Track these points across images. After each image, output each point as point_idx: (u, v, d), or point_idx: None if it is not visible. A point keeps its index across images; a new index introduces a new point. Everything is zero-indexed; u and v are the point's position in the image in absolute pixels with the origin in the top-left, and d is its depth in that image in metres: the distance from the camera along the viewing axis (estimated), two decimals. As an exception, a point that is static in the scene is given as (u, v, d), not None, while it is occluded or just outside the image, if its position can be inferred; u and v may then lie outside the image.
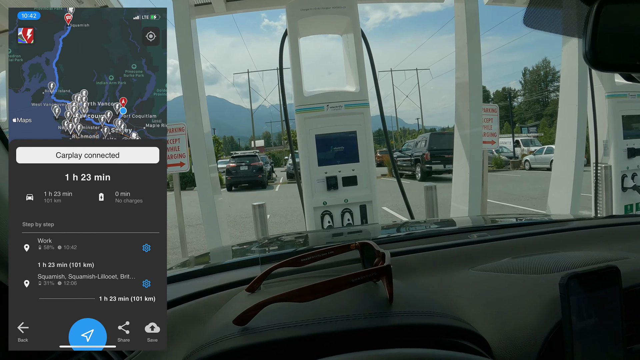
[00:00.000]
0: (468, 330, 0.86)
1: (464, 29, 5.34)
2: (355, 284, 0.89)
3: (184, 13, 4.83)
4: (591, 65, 0.92)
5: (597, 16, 0.89)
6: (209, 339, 0.84)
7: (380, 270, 0.93)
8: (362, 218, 4.86)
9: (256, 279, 1.09)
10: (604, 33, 0.89)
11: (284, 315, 0.86)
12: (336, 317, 0.83)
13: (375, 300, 0.93)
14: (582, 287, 0.88)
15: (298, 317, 0.84)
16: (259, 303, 0.85)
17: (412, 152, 26.03)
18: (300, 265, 1.15)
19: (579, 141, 5.65)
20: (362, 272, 0.91)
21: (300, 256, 1.15)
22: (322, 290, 0.87)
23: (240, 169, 26.08)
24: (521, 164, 30.95)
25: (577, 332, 0.86)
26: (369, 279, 0.92)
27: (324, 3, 4.93)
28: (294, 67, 4.90)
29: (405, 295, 0.99)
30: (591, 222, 1.90)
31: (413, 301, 0.96)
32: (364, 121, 4.86)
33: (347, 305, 0.89)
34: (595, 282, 0.90)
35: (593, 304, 0.89)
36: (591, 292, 0.89)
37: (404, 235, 1.89)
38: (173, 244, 9.58)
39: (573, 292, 0.87)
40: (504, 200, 13.84)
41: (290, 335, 0.79)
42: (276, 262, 1.14)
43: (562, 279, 0.87)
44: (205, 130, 5.08)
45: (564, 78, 5.99)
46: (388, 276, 0.92)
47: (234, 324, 0.84)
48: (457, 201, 5.73)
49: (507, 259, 1.33)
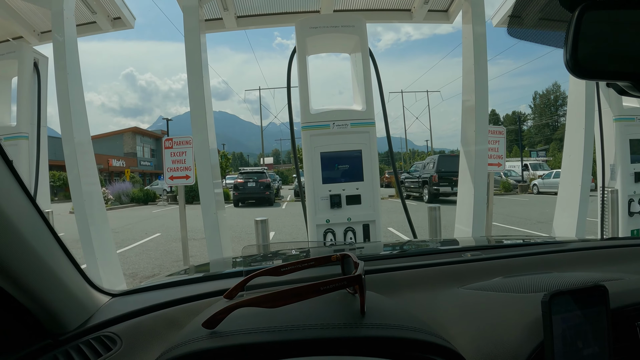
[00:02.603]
0: (442, 346, 0.84)
1: (471, 52, 5.35)
2: (326, 291, 0.89)
3: (194, 28, 4.88)
4: (572, 73, 0.91)
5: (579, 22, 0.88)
6: (179, 341, 0.85)
7: (350, 279, 0.93)
8: (365, 237, 4.84)
9: (234, 286, 1.10)
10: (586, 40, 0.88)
11: (255, 321, 0.86)
12: (305, 325, 0.83)
13: (348, 311, 0.93)
14: (567, 305, 0.87)
15: (269, 323, 0.84)
16: (227, 307, 0.86)
17: (420, 174, 25.99)
18: (279, 274, 1.15)
19: (585, 165, 5.62)
20: (332, 280, 0.91)
21: (280, 266, 1.15)
22: (292, 297, 0.87)
23: (247, 185, 26.18)
24: (529, 188, 30.83)
25: (559, 352, 0.85)
26: (340, 287, 0.92)
27: (333, 22, 4.99)
28: (302, 84, 4.94)
29: (382, 308, 0.98)
30: (590, 244, 1.87)
31: (388, 314, 0.95)
32: (369, 140, 4.87)
33: (321, 314, 0.89)
34: (580, 301, 0.89)
35: (578, 323, 0.88)
36: (576, 310, 0.88)
37: (397, 253, 1.88)
38: (176, 257, 9.61)
39: (556, 310, 0.86)
40: (509, 223, 13.75)
41: (257, 341, 0.79)
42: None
43: (545, 297, 0.86)
44: (211, 145, 5.10)
45: (571, 101, 5.97)
46: (360, 286, 0.92)
47: (203, 327, 0.84)
48: (461, 222, 5.69)
49: (498, 278, 1.33)
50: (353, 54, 5.43)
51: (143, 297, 1.29)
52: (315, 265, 1.18)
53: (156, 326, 1.10)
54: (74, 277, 1.12)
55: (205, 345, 0.80)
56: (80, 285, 1.15)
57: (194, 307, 1.17)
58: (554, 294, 0.87)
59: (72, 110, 4.98)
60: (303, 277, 1.23)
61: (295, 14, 6.17)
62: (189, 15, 4.93)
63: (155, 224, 17.58)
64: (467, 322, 1.05)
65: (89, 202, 5.09)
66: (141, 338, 1.06)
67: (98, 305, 1.21)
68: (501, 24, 6.63)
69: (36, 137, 6.16)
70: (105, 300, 1.27)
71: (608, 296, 0.91)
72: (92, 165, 5.41)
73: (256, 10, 6.26)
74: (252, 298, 0.86)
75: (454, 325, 1.04)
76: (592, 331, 0.90)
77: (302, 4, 6.13)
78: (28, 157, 6.04)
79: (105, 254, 5.24)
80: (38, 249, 0.93)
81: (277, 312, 0.87)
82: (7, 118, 6.47)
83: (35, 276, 0.93)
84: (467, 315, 1.09)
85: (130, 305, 1.19)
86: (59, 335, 1.03)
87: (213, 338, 0.81)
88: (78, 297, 1.11)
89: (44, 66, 6.41)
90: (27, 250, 0.89)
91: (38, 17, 6.14)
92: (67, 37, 5.02)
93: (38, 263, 0.94)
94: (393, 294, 1.21)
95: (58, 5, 4.99)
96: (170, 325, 1.11)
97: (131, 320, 1.12)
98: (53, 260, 1.01)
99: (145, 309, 1.16)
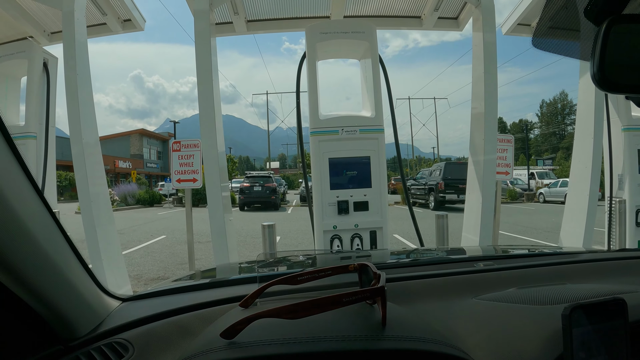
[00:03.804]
0: (462, 358, 0.84)
1: (481, 59, 5.33)
2: (347, 303, 0.88)
3: (205, 31, 4.88)
4: (600, 87, 0.90)
5: (606, 36, 0.87)
6: (195, 350, 0.84)
7: (373, 291, 0.92)
8: (372, 244, 4.82)
9: (250, 294, 1.09)
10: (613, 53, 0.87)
11: (273, 331, 0.85)
12: (326, 337, 0.82)
13: (369, 322, 0.91)
14: (586, 319, 0.86)
15: (288, 334, 0.83)
16: (246, 317, 0.85)
17: (426, 181, 25.99)
18: (296, 283, 1.14)
19: (593, 174, 5.58)
20: (354, 292, 0.90)
21: (297, 274, 1.13)
22: (313, 308, 0.86)
23: (253, 189, 26.24)
24: (535, 196, 30.78)
25: (579, 366, 0.84)
26: (362, 299, 0.91)
27: (343, 28, 4.99)
28: (311, 89, 4.93)
29: (401, 319, 0.97)
30: (601, 255, 1.86)
31: (408, 326, 0.94)
32: (378, 147, 4.86)
33: (340, 326, 0.88)
34: (599, 315, 0.88)
35: (597, 337, 0.86)
36: (595, 324, 0.87)
37: (409, 262, 1.87)
38: (181, 259, 9.61)
39: (576, 324, 0.85)
40: (516, 232, 13.71)
41: (278, 352, 0.78)
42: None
43: (565, 310, 0.85)
44: (220, 149, 5.09)
45: (580, 110, 5.94)
46: (382, 298, 0.91)
47: (221, 337, 0.83)
48: (469, 231, 5.66)
49: (512, 289, 1.31)
50: (363, 60, 5.43)
51: (154, 303, 1.27)
52: (332, 274, 1.16)
53: (169, 333, 1.09)
54: (85, 281, 1.11)
55: (224, 356, 0.78)
56: (91, 290, 1.14)
57: (207, 314, 1.16)
58: (574, 307, 0.85)
59: (80, 111, 4.98)
60: (317, 286, 1.22)
61: (306, 19, 6.18)
62: (199, 18, 4.93)
63: (161, 226, 17.63)
64: (484, 334, 1.04)
65: (96, 203, 5.08)
66: (153, 345, 1.05)
67: (109, 311, 1.20)
68: (511, 31, 6.62)
69: (44, 137, 6.17)
70: (116, 305, 1.26)
71: (627, 309, 0.90)
72: (100, 166, 5.42)
73: (266, 15, 6.27)
74: (273, 309, 0.85)
75: (470, 337, 1.03)
76: (611, 344, 0.88)
77: (312, 10, 6.13)
78: (36, 157, 6.05)
79: (111, 255, 5.23)
80: (50, 252, 0.92)
81: (295, 323, 0.86)
82: (16, 117, 6.49)
83: (47, 280, 0.92)
84: (483, 326, 1.08)
85: (142, 311, 1.18)
86: (69, 341, 1.01)
87: (232, 349, 0.80)
88: (89, 302, 1.10)
89: (54, 66, 6.41)
90: (39, 254, 0.88)
91: (48, 17, 6.16)
92: (78, 38, 5.03)
93: (50, 267, 0.93)
94: (406, 303, 1.19)
95: (69, 6, 4.99)
96: (183, 333, 1.10)
97: (143, 326, 1.11)
98: (65, 264, 1.00)
99: (157, 315, 1.15)
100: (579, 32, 1.01)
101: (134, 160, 58.00)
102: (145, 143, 65.20)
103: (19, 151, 0.84)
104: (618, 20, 0.88)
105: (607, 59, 0.87)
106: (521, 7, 6.28)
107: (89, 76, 5.25)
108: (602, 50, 0.87)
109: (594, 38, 0.88)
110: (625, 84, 0.91)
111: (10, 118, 6.44)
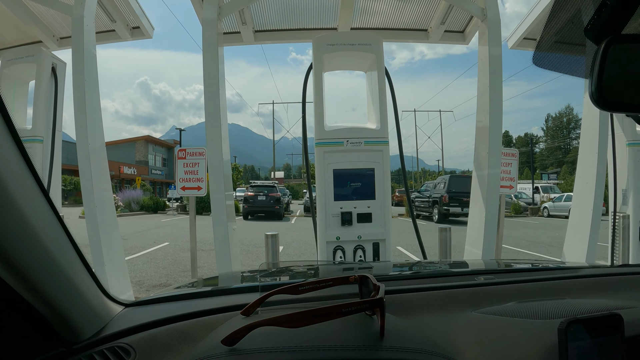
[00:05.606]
0: None
1: (487, 73, 5.34)
2: (346, 314, 0.90)
3: (213, 41, 4.91)
4: (597, 105, 0.91)
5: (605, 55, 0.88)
6: (196, 357, 0.85)
7: (372, 302, 0.93)
8: (375, 256, 4.81)
9: (252, 303, 1.10)
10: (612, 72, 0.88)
11: (273, 340, 0.86)
12: (324, 346, 0.83)
13: (367, 333, 0.92)
14: (582, 333, 0.87)
15: (288, 343, 0.84)
16: (247, 325, 0.86)
17: (430, 194, 25.95)
18: (297, 293, 1.15)
19: (597, 189, 5.58)
20: (353, 302, 0.91)
21: (298, 284, 1.14)
22: (312, 318, 0.87)
23: (257, 199, 26.23)
24: (540, 210, 30.67)
25: (575, 380, 0.85)
26: (361, 310, 0.92)
27: (350, 39, 5.02)
28: (317, 100, 4.96)
29: (400, 330, 0.98)
30: (603, 271, 1.85)
31: (406, 337, 0.94)
32: (382, 159, 4.86)
33: (339, 335, 0.89)
34: (596, 329, 0.88)
35: (593, 351, 0.87)
36: (591, 339, 0.87)
37: (410, 274, 1.87)
38: (184, 267, 9.62)
39: (572, 338, 0.85)
40: (519, 246, 13.65)
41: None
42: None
43: (561, 324, 0.86)
44: (225, 157, 5.10)
45: (584, 125, 5.95)
46: (381, 309, 0.92)
47: (222, 344, 0.85)
48: (472, 244, 5.64)
49: (512, 303, 1.31)
50: (369, 72, 5.44)
51: (157, 309, 1.29)
52: (332, 285, 1.18)
53: (170, 339, 1.10)
54: (89, 285, 1.12)
55: None
56: (95, 294, 1.16)
57: (209, 322, 1.17)
58: (571, 321, 0.86)
59: (87, 116, 5.01)
60: (318, 296, 1.23)
61: (313, 31, 6.22)
62: (208, 28, 4.97)
63: (164, 232, 17.64)
64: (483, 347, 1.04)
65: (101, 208, 5.10)
66: (155, 350, 1.06)
67: (112, 315, 1.21)
68: (517, 45, 6.65)
69: (51, 141, 6.19)
70: (119, 309, 1.28)
71: (623, 325, 0.91)
72: (105, 171, 5.44)
73: (274, 26, 6.32)
74: (273, 318, 0.87)
75: (468, 350, 1.04)
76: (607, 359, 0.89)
77: (319, 21, 6.18)
78: (42, 160, 6.08)
79: (114, 261, 5.24)
80: (57, 255, 0.94)
81: (295, 332, 0.87)
82: (23, 121, 6.52)
83: (53, 283, 0.93)
84: (482, 340, 1.08)
85: (144, 317, 1.19)
86: (72, 343, 1.03)
87: (233, 355, 0.81)
88: (93, 306, 1.12)
89: (62, 71, 6.44)
90: (47, 257, 0.90)
91: (58, 22, 6.23)
92: (86, 44, 5.08)
93: (56, 270, 0.94)
94: (406, 315, 1.20)
95: (79, 12, 5.05)
96: (184, 339, 1.11)
97: (145, 331, 1.12)
98: (71, 268, 1.01)
99: (160, 321, 1.16)
100: (582, 47, 1.02)
101: (139, 167, 58.17)
102: (151, 150, 65.39)
103: (29, 156, 0.85)
104: (617, 39, 0.89)
105: (605, 77, 0.88)
106: (527, 22, 6.32)
107: (96, 82, 5.29)
108: (600, 69, 0.88)
109: (593, 57, 0.90)
110: (623, 103, 0.92)
111: (18, 121, 6.47)
